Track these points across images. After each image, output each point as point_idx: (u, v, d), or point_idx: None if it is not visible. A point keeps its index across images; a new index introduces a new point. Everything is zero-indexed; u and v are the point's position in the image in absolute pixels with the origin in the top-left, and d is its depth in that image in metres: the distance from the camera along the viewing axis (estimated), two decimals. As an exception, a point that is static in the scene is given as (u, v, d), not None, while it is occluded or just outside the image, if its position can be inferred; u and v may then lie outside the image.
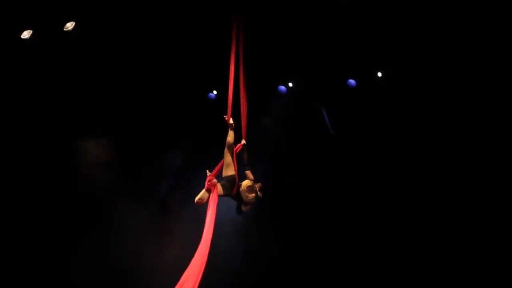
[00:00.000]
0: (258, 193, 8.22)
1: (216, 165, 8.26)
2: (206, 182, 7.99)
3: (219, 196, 8.08)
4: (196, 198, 8.09)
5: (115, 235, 12.06)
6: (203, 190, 8.06)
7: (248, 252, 11.76)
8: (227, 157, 8.20)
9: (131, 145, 12.33)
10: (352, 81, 11.92)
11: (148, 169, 12.43)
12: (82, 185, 12.10)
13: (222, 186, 8.10)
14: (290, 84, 12.26)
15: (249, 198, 8.18)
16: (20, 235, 11.85)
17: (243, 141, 8.49)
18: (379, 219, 11.68)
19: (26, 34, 11.03)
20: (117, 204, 12.14)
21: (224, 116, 8.32)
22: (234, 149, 8.26)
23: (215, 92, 12.47)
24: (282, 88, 12.34)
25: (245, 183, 8.26)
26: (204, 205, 11.44)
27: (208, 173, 8.04)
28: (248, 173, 8.45)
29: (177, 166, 12.52)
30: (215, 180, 7.99)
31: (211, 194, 7.98)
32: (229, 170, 8.18)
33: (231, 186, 8.13)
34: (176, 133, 12.42)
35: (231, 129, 8.24)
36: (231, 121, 8.29)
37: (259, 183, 8.29)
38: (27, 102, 11.85)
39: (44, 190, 11.99)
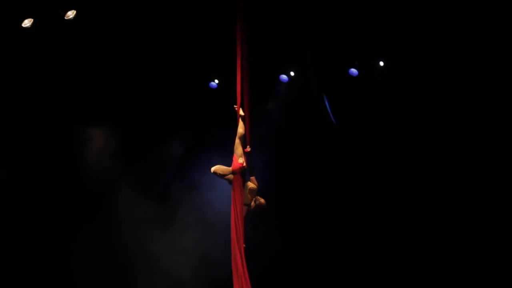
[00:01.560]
0: (252, 202, 8.15)
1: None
2: (239, 166, 8.03)
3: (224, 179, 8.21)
4: (217, 168, 8.09)
5: (116, 224, 12.01)
6: (229, 168, 8.09)
7: (248, 249, 11.67)
8: (239, 149, 8.18)
9: (133, 135, 12.25)
10: (354, 71, 11.84)
11: (149, 158, 12.37)
12: (83, 174, 12.07)
13: None
14: (292, 73, 12.19)
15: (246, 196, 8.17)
16: (20, 223, 11.87)
17: (248, 148, 8.32)
18: (382, 215, 11.54)
19: (27, 23, 11.03)
20: (117, 193, 12.08)
21: (234, 106, 8.28)
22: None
23: (216, 81, 12.40)
24: (284, 77, 12.26)
25: (251, 184, 8.25)
26: (201, 194, 11.69)
27: (242, 159, 8.08)
28: (253, 179, 8.35)
29: (178, 157, 12.47)
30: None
31: (235, 180, 8.01)
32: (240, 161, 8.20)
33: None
34: (178, 123, 12.33)
35: (242, 120, 8.20)
36: (241, 111, 8.25)
37: (263, 199, 8.21)
38: (29, 91, 11.83)
39: (45, 179, 11.99)
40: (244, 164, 8.13)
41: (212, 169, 8.14)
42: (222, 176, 8.12)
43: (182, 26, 11.26)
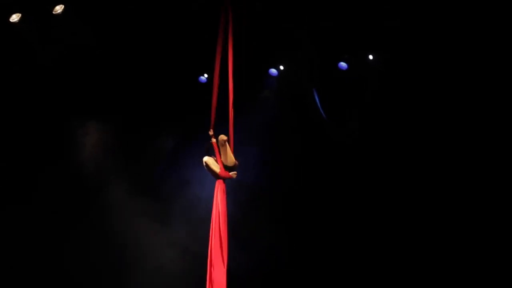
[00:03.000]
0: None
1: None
2: (227, 176, 8.35)
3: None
4: (208, 161, 8.33)
5: (109, 219, 12.06)
6: (217, 170, 8.34)
7: (241, 247, 11.69)
8: (231, 157, 8.49)
9: (126, 130, 12.30)
10: (343, 64, 11.89)
11: (143, 154, 12.43)
12: (76, 169, 12.16)
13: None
14: (281, 67, 12.22)
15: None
16: (13, 218, 11.89)
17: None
18: (379, 212, 11.56)
19: (15, 18, 11.06)
20: (111, 188, 12.15)
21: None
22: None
23: (205, 75, 12.42)
24: (273, 71, 12.29)
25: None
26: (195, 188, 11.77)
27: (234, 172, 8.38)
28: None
29: (171, 152, 12.47)
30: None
31: (218, 183, 8.31)
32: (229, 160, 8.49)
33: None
34: (169, 117, 12.37)
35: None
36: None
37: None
38: (23, 87, 11.90)
39: (37, 173, 12.07)
40: (234, 177, 8.43)
41: (205, 159, 8.35)
42: (208, 170, 8.36)
43: (181, 25, 11.32)
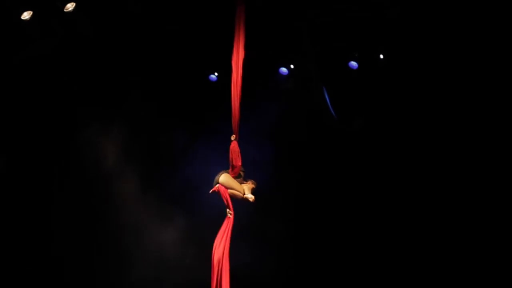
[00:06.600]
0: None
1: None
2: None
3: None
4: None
5: (115, 215, 12.13)
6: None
7: (248, 246, 11.63)
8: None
9: (133, 128, 12.29)
10: (353, 64, 11.81)
11: (150, 151, 12.44)
12: (83, 169, 12.22)
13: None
14: (292, 66, 12.17)
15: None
16: (23, 214, 12.07)
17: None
18: (391, 212, 11.43)
19: (26, 15, 11.09)
20: (117, 186, 12.14)
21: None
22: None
23: (216, 74, 12.39)
24: (283, 70, 12.24)
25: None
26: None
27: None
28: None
29: (178, 150, 12.44)
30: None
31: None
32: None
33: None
34: (179, 115, 12.33)
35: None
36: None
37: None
38: (30, 82, 11.98)
39: (45, 174, 12.20)
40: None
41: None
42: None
43: (182, 23, 11.30)
